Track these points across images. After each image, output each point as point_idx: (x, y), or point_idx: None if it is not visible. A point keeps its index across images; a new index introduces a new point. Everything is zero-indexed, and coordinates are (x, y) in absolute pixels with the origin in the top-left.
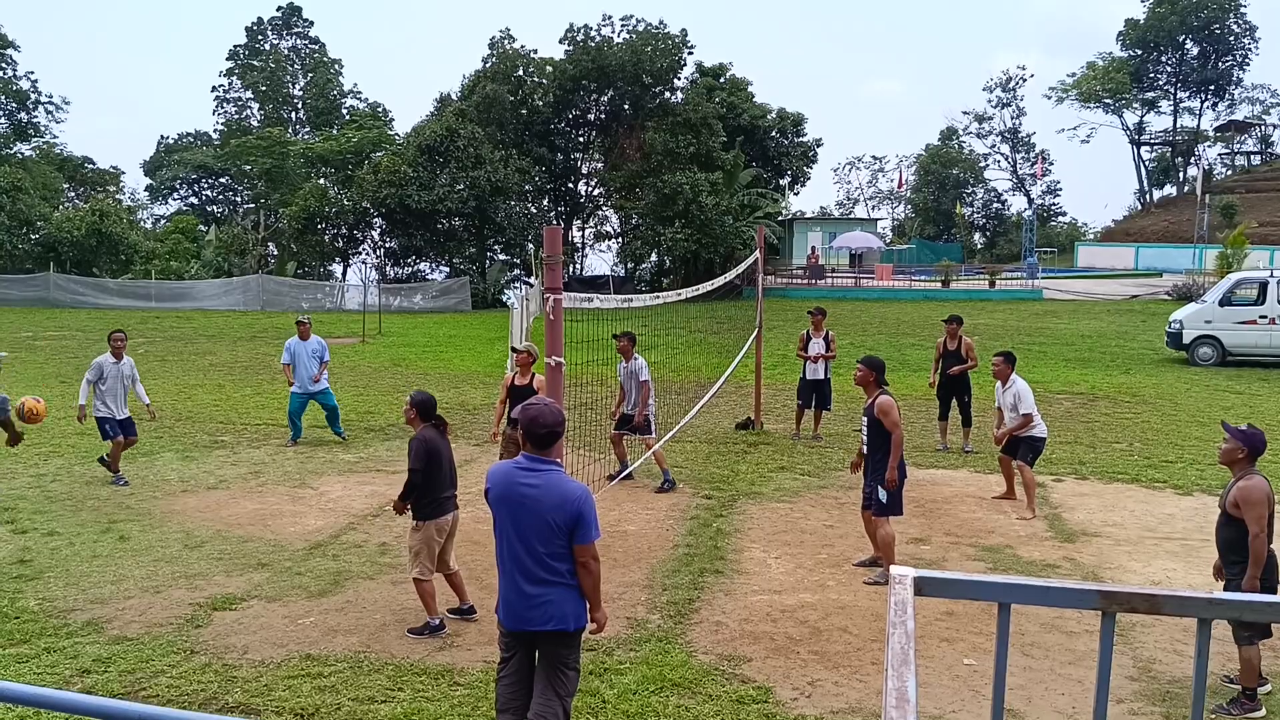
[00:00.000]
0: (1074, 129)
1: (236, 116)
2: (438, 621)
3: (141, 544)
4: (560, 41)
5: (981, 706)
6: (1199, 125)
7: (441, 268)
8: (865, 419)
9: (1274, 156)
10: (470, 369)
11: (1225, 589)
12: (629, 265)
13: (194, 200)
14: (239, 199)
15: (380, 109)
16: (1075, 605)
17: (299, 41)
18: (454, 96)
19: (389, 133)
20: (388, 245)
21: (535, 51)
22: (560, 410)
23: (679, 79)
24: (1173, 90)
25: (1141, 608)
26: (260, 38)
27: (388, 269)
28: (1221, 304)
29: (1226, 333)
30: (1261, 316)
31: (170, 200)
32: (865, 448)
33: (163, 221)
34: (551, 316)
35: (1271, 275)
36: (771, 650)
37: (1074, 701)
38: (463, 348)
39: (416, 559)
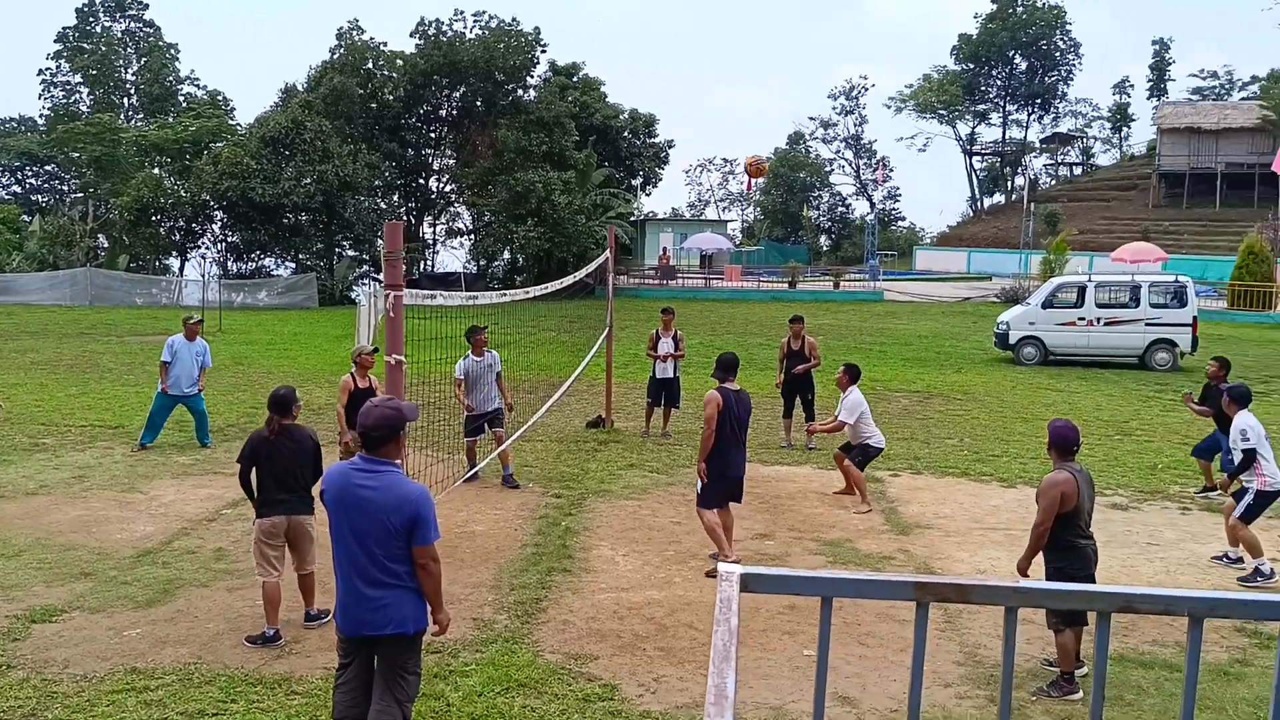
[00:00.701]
0: (911, 138)
1: (64, 101)
2: (272, 632)
3: None
4: (411, 35)
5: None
6: (1026, 137)
7: (287, 264)
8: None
9: (1094, 168)
10: (316, 367)
11: (1046, 578)
12: (481, 263)
13: (16, 189)
14: (66, 188)
15: (220, 98)
16: (892, 597)
17: (132, 24)
18: (300, 88)
19: (230, 123)
20: (229, 239)
21: (385, 44)
22: (398, 410)
23: (532, 77)
24: (1002, 103)
25: (953, 597)
26: (91, 20)
27: (229, 264)
28: (1044, 306)
29: (1048, 334)
30: (1080, 319)
31: None
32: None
33: None
34: (392, 314)
35: (1089, 280)
36: (618, 648)
37: (905, 687)
38: (309, 345)
39: (256, 561)
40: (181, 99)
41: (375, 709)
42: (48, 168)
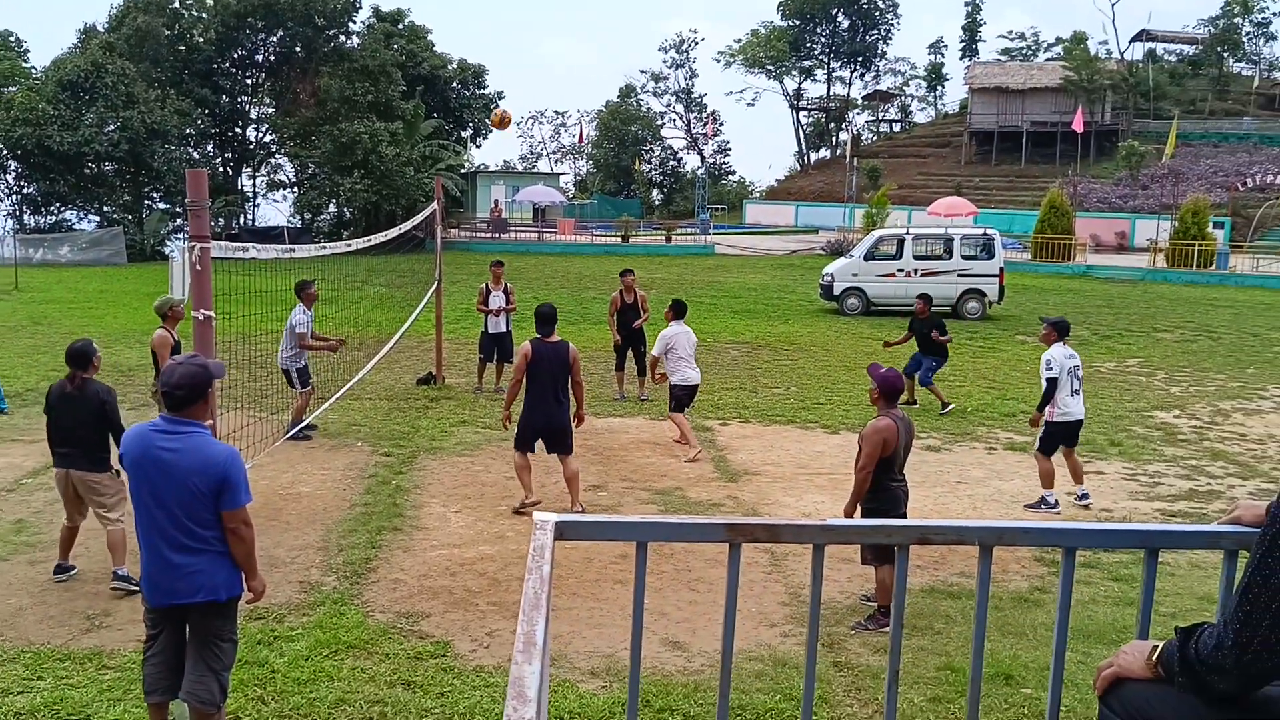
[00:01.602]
0: (741, 92)
1: None
2: (59, 564)
3: None
4: None
5: (649, 641)
6: (849, 94)
7: (91, 217)
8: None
9: (912, 125)
10: (125, 326)
11: (861, 518)
12: (306, 216)
13: None
14: None
15: (13, 39)
16: (705, 539)
17: None
18: (100, 28)
19: (23, 65)
20: (25, 191)
21: None
22: (203, 367)
23: (354, 23)
24: (827, 60)
25: (763, 537)
26: None
27: (26, 217)
28: (866, 259)
29: (870, 285)
30: (899, 270)
31: None
32: None
33: None
34: (199, 267)
35: (908, 232)
36: (450, 604)
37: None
38: (116, 303)
39: None
40: None
41: (190, 679)
42: None
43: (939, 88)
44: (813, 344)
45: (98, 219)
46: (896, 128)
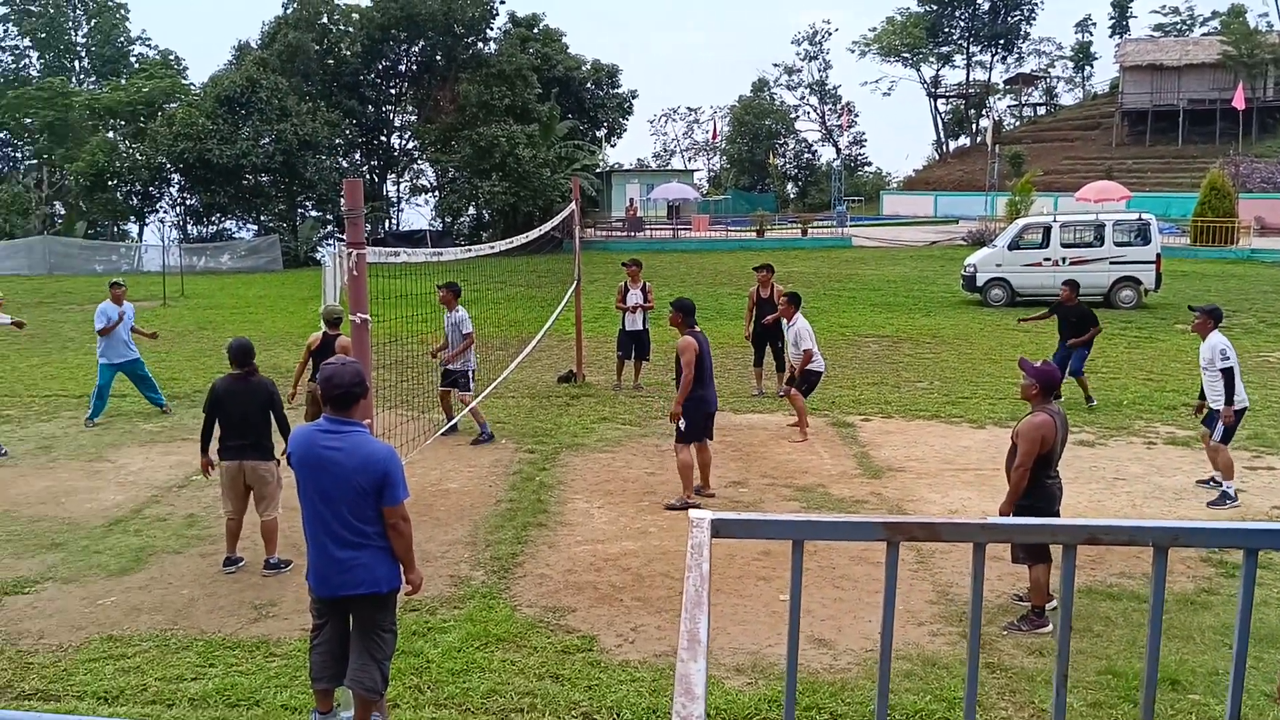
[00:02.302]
0: (876, 82)
1: (14, 67)
2: (229, 556)
3: None
4: None
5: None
6: (990, 78)
7: (249, 226)
8: (676, 358)
9: (1058, 108)
10: (283, 330)
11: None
12: (447, 219)
13: None
14: (19, 155)
15: (173, 57)
16: (861, 538)
17: None
18: (254, 45)
19: (183, 83)
20: (188, 203)
21: None
22: (358, 369)
23: (491, 29)
24: (965, 44)
25: (921, 536)
26: None
27: (189, 228)
28: (1010, 248)
29: (1015, 275)
30: (1046, 259)
31: None
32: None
33: None
34: (355, 272)
35: (1054, 220)
36: (595, 599)
37: (880, 627)
38: (274, 308)
39: (221, 498)
40: (133, 60)
41: (353, 667)
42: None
43: (1087, 68)
44: (956, 337)
45: (255, 228)
46: (1041, 111)
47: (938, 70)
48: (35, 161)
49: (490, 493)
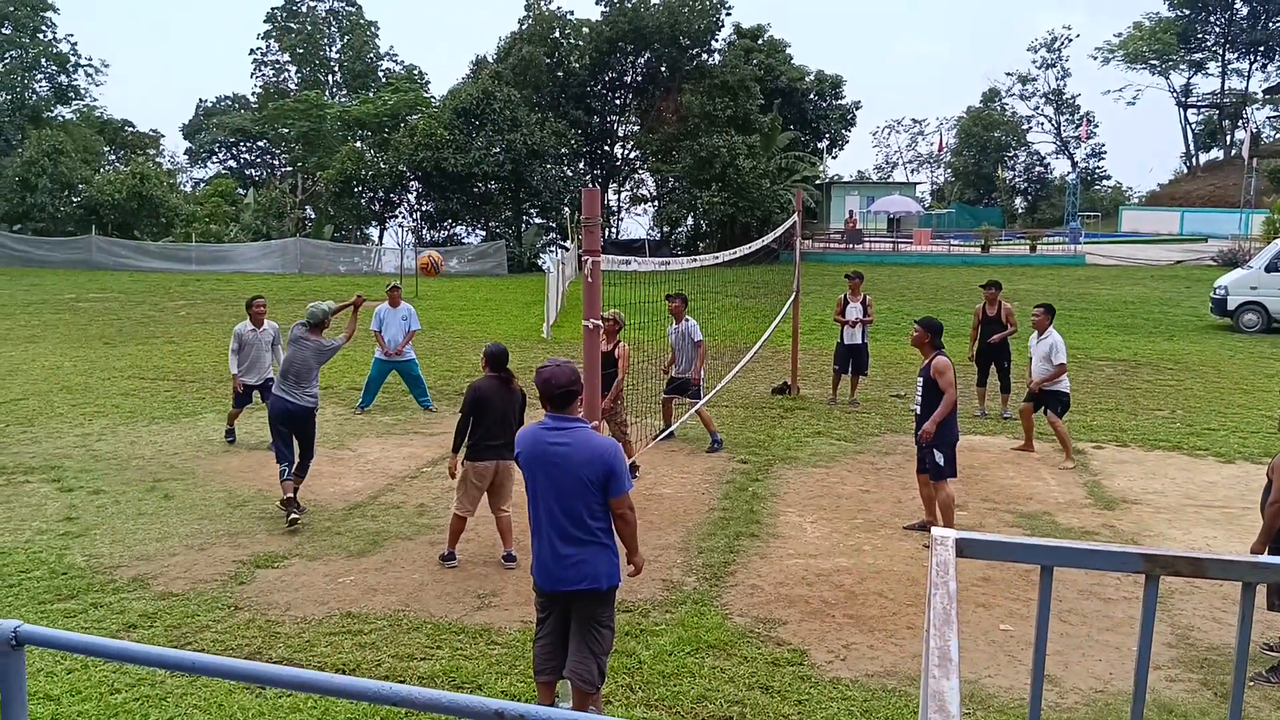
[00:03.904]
0: (1119, 90)
1: (274, 79)
2: (448, 553)
3: (185, 502)
4: (596, 3)
5: (1017, 671)
6: (1247, 87)
7: (477, 231)
8: (921, 379)
9: None
10: (507, 332)
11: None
12: (665, 229)
13: (232, 163)
14: (276, 162)
15: (416, 71)
16: (1118, 568)
17: (336, 3)
18: (490, 59)
19: (425, 96)
20: (424, 208)
21: (572, 13)
22: (574, 369)
23: (716, 40)
24: (1221, 51)
25: (1185, 570)
26: (297, 0)
27: (424, 232)
28: (1268, 270)
29: (1273, 299)
30: None
31: (209, 163)
32: (919, 409)
33: (202, 185)
34: (590, 279)
35: None
36: (807, 614)
37: (1110, 667)
38: (499, 310)
39: (457, 495)
40: (381, 74)
41: (573, 660)
42: (260, 143)
43: None
44: (1202, 363)
45: (483, 233)
46: None
47: (1189, 78)
48: (290, 168)
49: (703, 500)
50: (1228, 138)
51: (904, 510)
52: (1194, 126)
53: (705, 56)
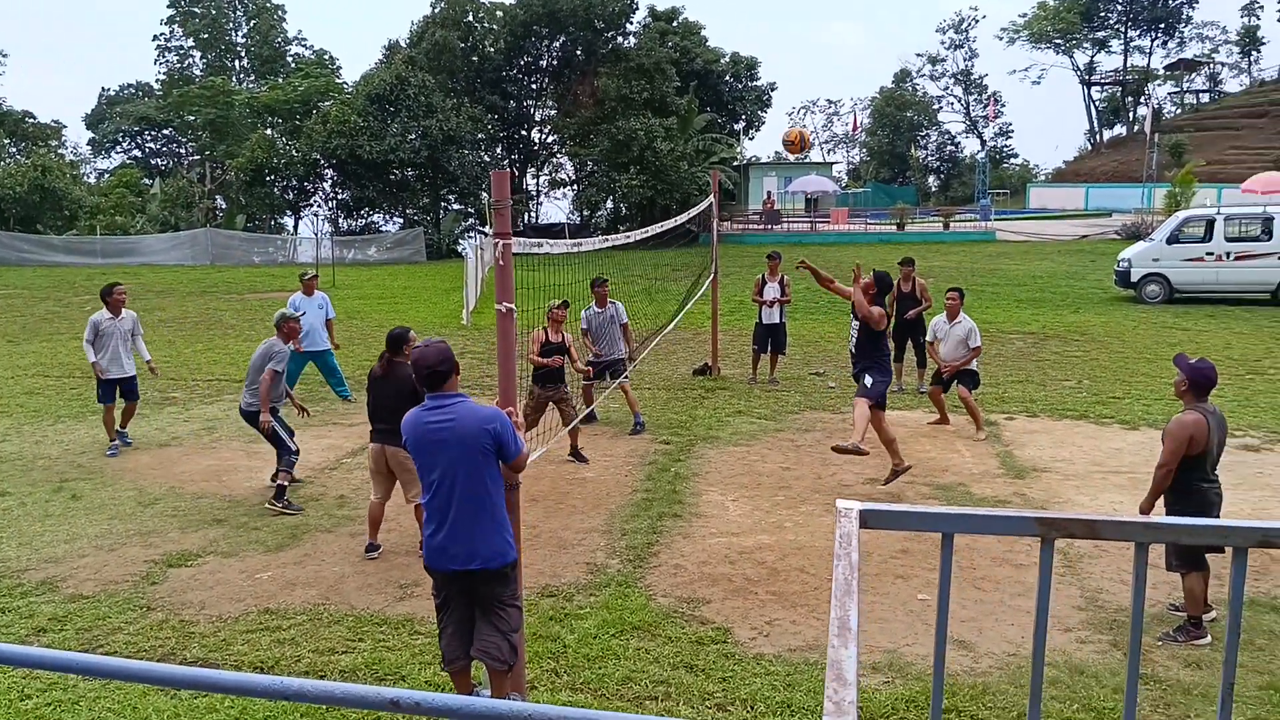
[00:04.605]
0: (1025, 70)
1: (179, 66)
2: (371, 544)
3: (94, 502)
4: None
5: (934, 639)
6: (1149, 64)
7: (395, 219)
8: (855, 322)
9: (1222, 95)
10: (426, 319)
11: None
12: (585, 212)
13: (137, 153)
14: (184, 151)
15: (327, 56)
16: (1015, 532)
17: None
18: (403, 44)
19: (337, 81)
20: (339, 197)
21: None
22: (441, 348)
23: (631, 24)
24: (1123, 29)
25: (1079, 533)
26: None
27: (340, 221)
28: (1169, 242)
29: (1174, 270)
30: (1208, 254)
31: (113, 154)
32: (854, 350)
33: (106, 176)
34: (501, 262)
35: (1218, 213)
36: (730, 592)
37: (1023, 631)
38: (418, 299)
39: None
40: (290, 59)
41: (481, 640)
42: (165, 131)
43: (1254, 52)
44: (1107, 334)
45: (400, 221)
46: (1204, 99)
47: (1092, 57)
48: (199, 157)
49: (626, 483)
50: (1130, 114)
51: (824, 485)
52: (1098, 104)
53: (620, 39)
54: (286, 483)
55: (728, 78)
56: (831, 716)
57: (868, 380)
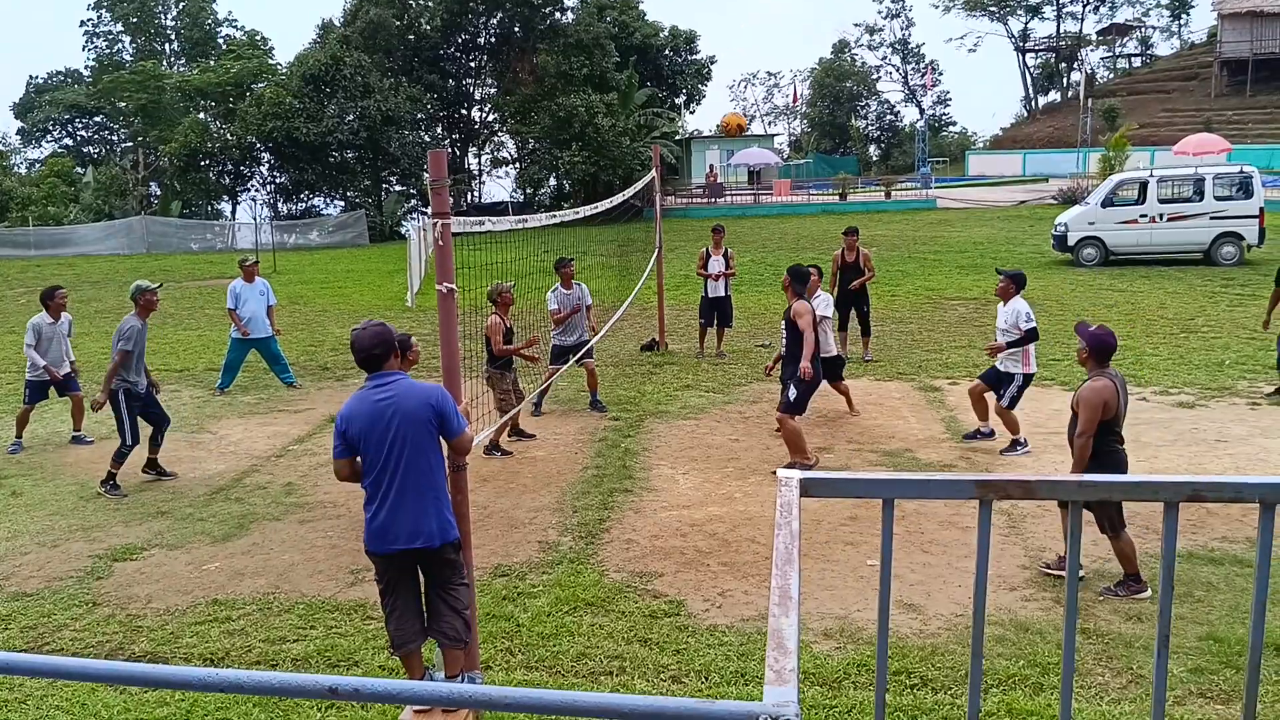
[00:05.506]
0: (961, 38)
1: (108, 51)
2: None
3: (34, 498)
4: None
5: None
6: (1081, 29)
7: (336, 202)
8: (784, 324)
9: (1153, 59)
10: (370, 302)
11: None
12: (528, 190)
13: (69, 141)
14: (116, 138)
15: (259, 37)
16: (954, 496)
17: None
18: (337, 23)
19: (270, 63)
20: (278, 181)
21: None
22: (377, 330)
23: None
24: None
25: (1016, 494)
26: None
27: (280, 205)
28: (1104, 205)
29: (1109, 233)
30: (1142, 216)
31: (44, 143)
32: (784, 351)
33: (37, 166)
34: (440, 242)
35: (1151, 175)
36: (682, 564)
37: (970, 593)
38: (362, 282)
39: None
40: (221, 41)
41: (435, 621)
42: (96, 119)
43: (1183, 16)
44: (1046, 298)
45: (342, 204)
46: (1136, 63)
47: (1026, 23)
48: (131, 144)
49: (576, 460)
50: (1065, 80)
51: (772, 456)
52: (1032, 70)
53: (558, 15)
54: (116, 470)
55: (667, 51)
56: (773, 684)
57: (791, 393)
